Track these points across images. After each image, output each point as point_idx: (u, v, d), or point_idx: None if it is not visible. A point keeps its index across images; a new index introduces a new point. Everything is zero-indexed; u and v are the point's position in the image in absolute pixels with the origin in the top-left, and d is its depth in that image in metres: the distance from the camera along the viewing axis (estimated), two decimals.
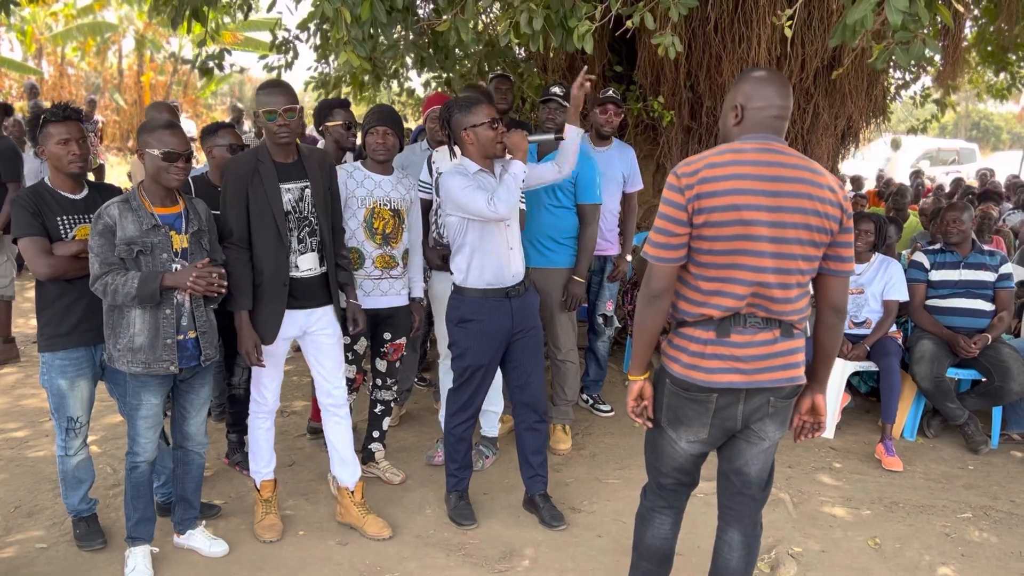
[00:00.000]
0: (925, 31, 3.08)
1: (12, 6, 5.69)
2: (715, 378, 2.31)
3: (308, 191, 3.26)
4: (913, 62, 6.82)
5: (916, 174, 13.38)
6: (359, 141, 4.28)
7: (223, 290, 2.96)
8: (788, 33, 3.35)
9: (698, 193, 2.23)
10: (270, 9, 6.24)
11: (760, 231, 2.22)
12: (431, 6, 5.69)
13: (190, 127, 13.63)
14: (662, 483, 2.60)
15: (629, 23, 3.74)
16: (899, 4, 2.94)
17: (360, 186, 3.63)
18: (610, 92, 4.64)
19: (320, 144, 4.66)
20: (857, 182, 12.23)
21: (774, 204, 2.22)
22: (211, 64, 6.17)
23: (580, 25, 3.69)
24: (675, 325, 2.44)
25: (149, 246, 2.88)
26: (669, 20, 3.65)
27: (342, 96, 6.70)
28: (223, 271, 2.97)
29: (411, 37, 6.03)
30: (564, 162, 3.54)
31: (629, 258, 4.84)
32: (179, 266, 2.94)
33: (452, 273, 3.50)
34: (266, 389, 3.41)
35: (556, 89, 4.24)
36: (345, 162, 4.23)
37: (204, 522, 3.42)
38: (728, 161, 2.25)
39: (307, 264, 3.29)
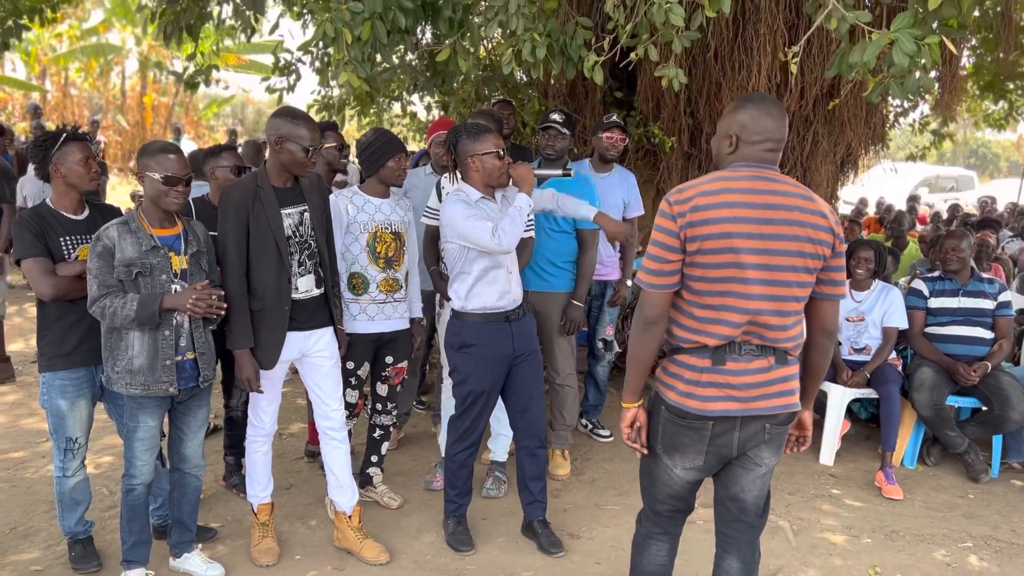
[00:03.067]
0: (923, 62, 3.12)
1: (24, 31, 5.76)
2: (710, 406, 2.32)
3: (307, 215, 3.28)
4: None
5: (912, 200, 13.43)
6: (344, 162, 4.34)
7: (222, 312, 2.96)
8: (793, 69, 3.39)
9: (691, 221, 2.25)
10: (272, 31, 6.29)
11: (747, 259, 2.25)
12: (432, 29, 5.74)
13: (191, 148, 13.69)
14: (657, 509, 2.59)
15: (633, 56, 3.78)
16: (907, 48, 2.98)
17: (361, 211, 3.64)
18: (614, 117, 4.66)
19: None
20: (863, 203, 12.29)
21: (764, 232, 2.25)
22: (198, 79, 6.20)
23: (589, 56, 3.73)
24: (670, 352, 2.44)
25: (148, 267, 2.89)
26: (672, 52, 3.69)
27: (346, 119, 6.76)
28: (222, 292, 2.97)
29: (411, 59, 6.08)
30: (560, 209, 3.60)
31: (629, 283, 4.85)
32: (178, 287, 2.95)
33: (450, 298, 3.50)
34: (264, 412, 3.40)
35: (555, 116, 4.27)
36: (343, 184, 4.26)
37: (200, 545, 3.40)
38: (720, 189, 2.27)
39: (305, 286, 3.29)
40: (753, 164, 2.33)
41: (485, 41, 6.60)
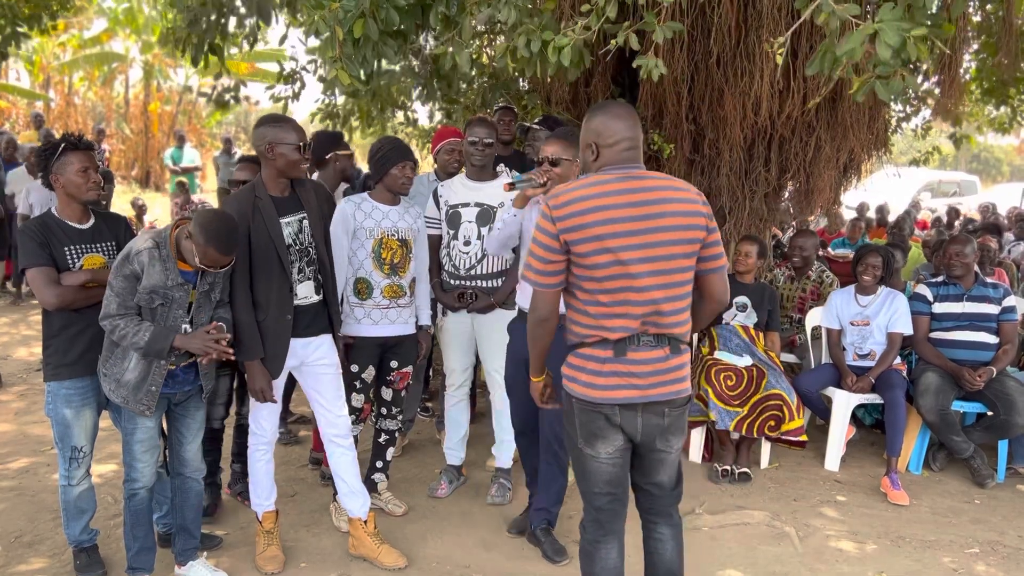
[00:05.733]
0: (909, 57, 3.08)
1: (23, 38, 5.78)
2: (613, 394, 2.49)
3: (306, 222, 3.29)
4: (912, 95, 6.83)
5: (913, 206, 13.44)
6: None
7: (231, 356, 2.97)
8: (779, 60, 3.35)
9: (568, 227, 2.41)
10: (282, 42, 6.30)
11: (630, 256, 2.41)
12: (429, 30, 5.73)
13: (195, 156, 13.73)
14: (598, 505, 2.64)
15: (613, 43, 3.73)
16: (890, 40, 2.95)
17: (368, 217, 3.66)
18: None
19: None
20: (863, 208, 12.25)
21: (642, 228, 2.42)
22: (227, 97, 6.20)
23: (559, 39, 3.65)
24: (573, 346, 2.57)
25: (170, 300, 2.90)
26: (656, 43, 3.66)
27: (352, 127, 6.77)
28: (229, 336, 2.98)
29: (411, 64, 6.07)
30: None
31: None
32: (187, 326, 2.96)
33: (516, 304, 3.60)
34: (265, 420, 3.40)
35: (536, 123, 4.30)
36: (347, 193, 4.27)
37: (205, 553, 3.40)
38: (594, 194, 2.43)
39: (304, 292, 3.30)
40: (619, 166, 2.49)
41: (487, 48, 6.61)
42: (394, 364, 3.82)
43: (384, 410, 3.91)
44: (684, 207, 2.48)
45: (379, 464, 3.99)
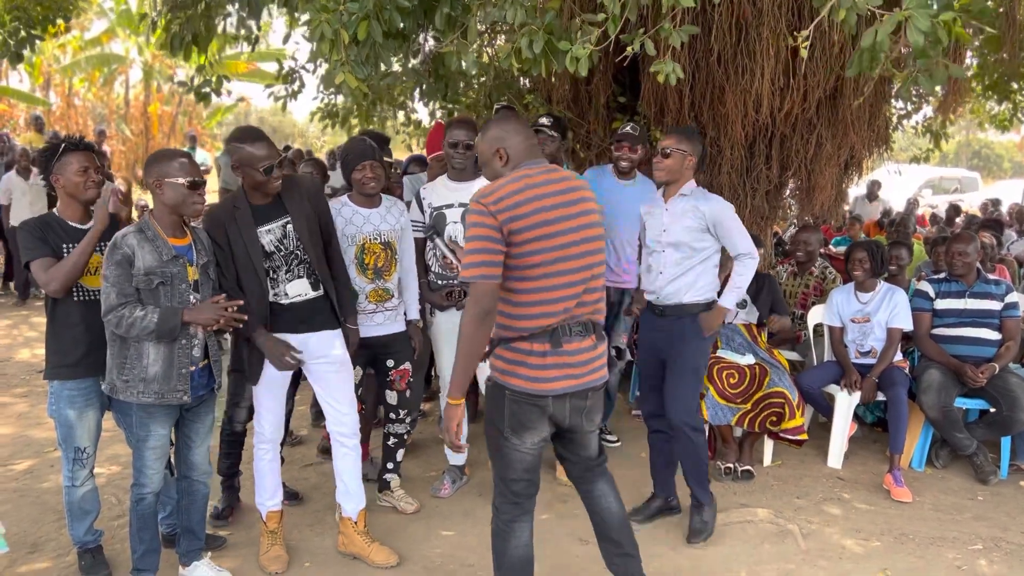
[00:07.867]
0: (947, 59, 3.06)
1: (36, 41, 5.77)
2: (554, 386, 2.63)
3: (290, 226, 3.26)
4: (914, 92, 6.80)
5: (912, 203, 13.42)
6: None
7: (244, 320, 2.99)
8: (804, 53, 3.32)
9: (509, 217, 2.53)
10: (285, 41, 6.27)
11: (567, 240, 2.59)
12: (432, 33, 5.72)
13: (204, 157, 13.72)
14: (515, 489, 2.77)
15: (629, 49, 3.73)
16: (921, 25, 2.92)
17: (349, 223, 3.65)
18: (627, 128, 4.57)
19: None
20: (886, 214, 12.26)
21: (571, 212, 2.62)
22: (207, 90, 6.13)
23: (577, 48, 3.66)
24: (507, 341, 2.66)
25: (169, 277, 2.90)
26: (670, 47, 3.65)
27: (352, 127, 6.76)
28: (241, 302, 2.99)
29: (411, 64, 6.06)
30: None
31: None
32: (192, 299, 2.96)
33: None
34: (264, 419, 3.40)
35: (544, 120, 4.26)
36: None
37: (209, 553, 3.40)
38: (524, 187, 2.59)
39: (296, 290, 3.29)
40: (530, 161, 2.67)
41: (488, 48, 6.60)
42: (390, 363, 3.81)
43: (392, 415, 3.90)
44: (591, 195, 2.73)
45: (390, 465, 4.00)
